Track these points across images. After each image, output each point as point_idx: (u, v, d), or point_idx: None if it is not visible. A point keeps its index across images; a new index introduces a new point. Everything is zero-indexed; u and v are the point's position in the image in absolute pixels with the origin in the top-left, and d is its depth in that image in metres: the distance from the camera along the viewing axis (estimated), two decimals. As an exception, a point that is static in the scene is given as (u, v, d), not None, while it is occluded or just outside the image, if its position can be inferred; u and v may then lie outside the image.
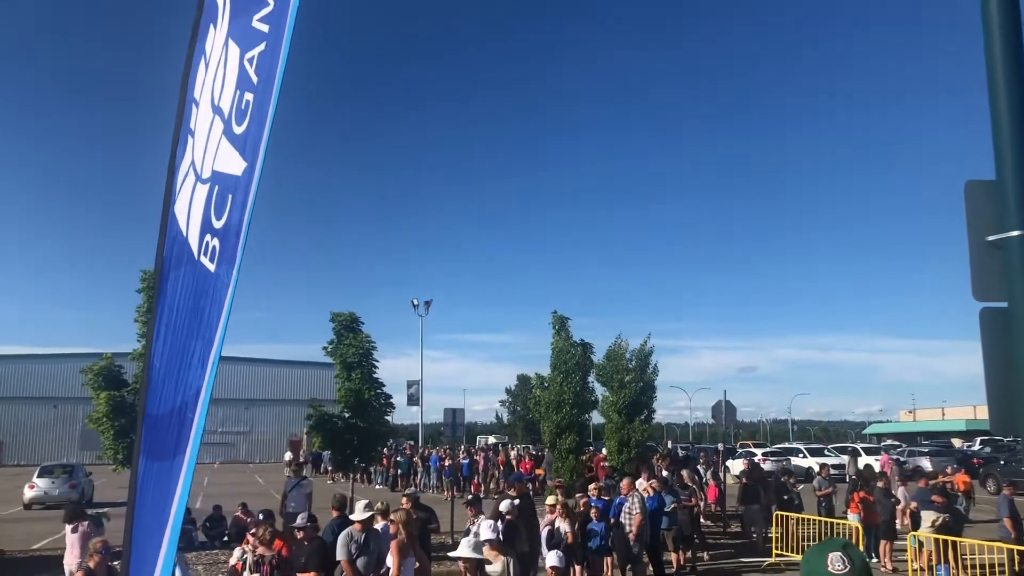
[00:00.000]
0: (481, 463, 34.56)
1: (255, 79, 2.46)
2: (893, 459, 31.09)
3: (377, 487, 36.20)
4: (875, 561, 15.26)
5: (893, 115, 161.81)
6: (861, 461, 33.52)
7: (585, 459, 22.97)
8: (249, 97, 2.46)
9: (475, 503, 11.35)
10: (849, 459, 30.29)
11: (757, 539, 17.96)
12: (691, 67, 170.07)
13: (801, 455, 42.22)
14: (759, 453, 39.70)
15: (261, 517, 13.65)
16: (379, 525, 10.10)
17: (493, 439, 72.22)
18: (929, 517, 14.38)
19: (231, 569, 8.54)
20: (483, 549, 8.38)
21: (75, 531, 11.98)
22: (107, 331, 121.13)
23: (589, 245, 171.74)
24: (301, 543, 9.77)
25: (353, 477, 21.14)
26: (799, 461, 39.84)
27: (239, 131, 2.50)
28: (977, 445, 48.66)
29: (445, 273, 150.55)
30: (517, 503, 11.51)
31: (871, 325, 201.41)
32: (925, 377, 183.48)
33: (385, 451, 33.15)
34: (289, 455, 53.09)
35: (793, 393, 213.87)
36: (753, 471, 19.83)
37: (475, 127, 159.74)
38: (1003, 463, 33.16)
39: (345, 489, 16.74)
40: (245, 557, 7.95)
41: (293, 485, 16.48)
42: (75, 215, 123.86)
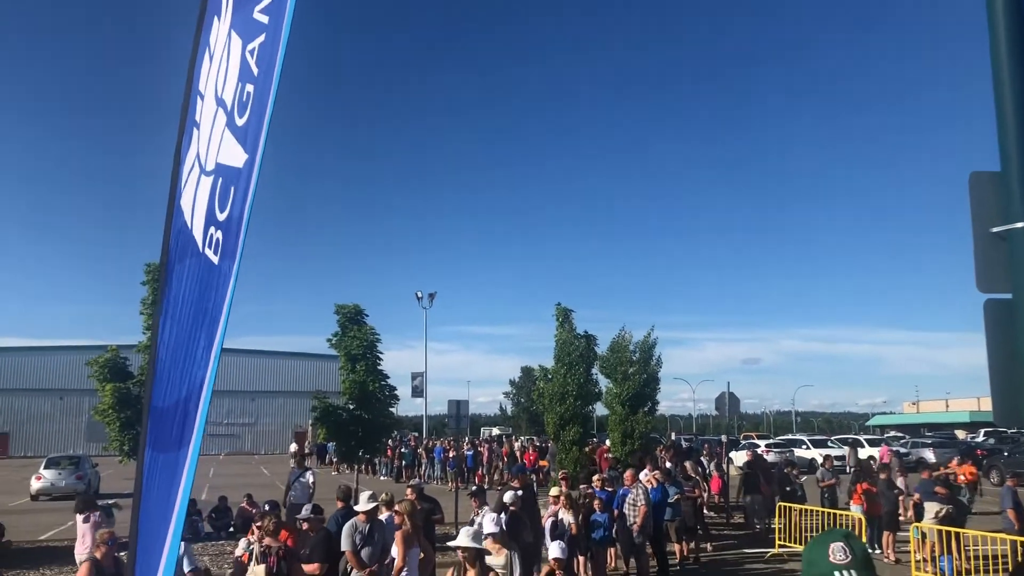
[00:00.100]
0: (485, 454, 34.61)
1: (256, 70, 2.46)
2: (893, 451, 31.04)
3: (382, 478, 36.25)
4: (878, 552, 15.29)
5: (897, 107, 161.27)
6: (862, 452, 33.51)
7: (588, 450, 22.97)
8: (250, 89, 2.46)
9: (479, 494, 11.38)
10: (850, 450, 30.25)
11: (759, 527, 18.02)
12: (692, 60, 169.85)
13: (804, 447, 42.27)
14: (762, 445, 39.80)
15: (267, 508, 13.72)
16: (383, 516, 10.13)
17: (497, 431, 72.27)
18: (932, 508, 14.38)
19: (236, 560, 8.56)
20: (486, 542, 8.41)
21: (86, 521, 12.03)
22: (112, 323, 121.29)
23: (593, 237, 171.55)
24: (306, 534, 9.81)
25: (358, 468, 21.20)
26: (802, 452, 39.88)
27: (241, 123, 2.50)
28: (981, 437, 48.62)
29: (449, 265, 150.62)
30: (520, 494, 11.54)
31: (875, 317, 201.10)
32: (929, 369, 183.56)
33: (390, 443, 33.25)
34: (294, 446, 53.29)
35: (797, 385, 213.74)
36: (755, 461, 19.86)
37: (479, 119, 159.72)
38: (1007, 455, 33.13)
39: (350, 480, 16.80)
40: (251, 548, 7.97)
41: (296, 477, 16.53)
42: (79, 208, 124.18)
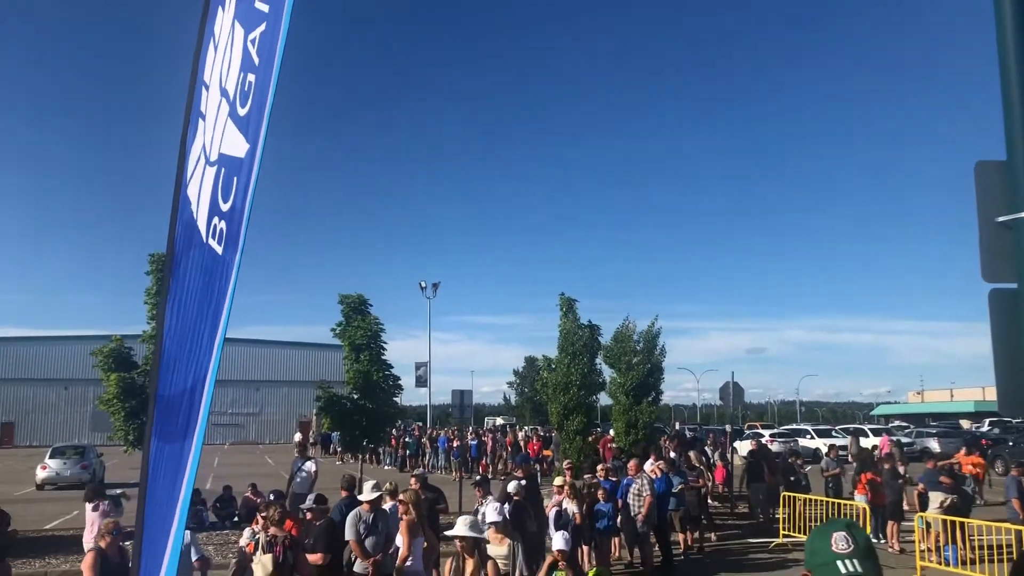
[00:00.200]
0: (489, 444, 34.66)
1: (257, 60, 2.45)
2: (893, 440, 31.00)
3: (386, 468, 36.36)
4: (883, 542, 15.30)
5: (903, 96, 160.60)
6: (866, 442, 33.46)
7: (591, 440, 23.00)
8: (251, 78, 2.45)
9: (483, 484, 11.41)
10: (851, 439, 30.24)
11: (762, 518, 18.05)
12: (696, 46, 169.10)
13: (809, 436, 42.31)
14: (767, 434, 39.79)
15: (271, 498, 13.77)
16: (387, 505, 10.16)
17: (501, 420, 72.40)
18: (937, 498, 14.39)
19: (240, 550, 8.58)
20: (488, 532, 8.43)
21: (95, 510, 12.08)
22: (115, 313, 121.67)
23: (597, 227, 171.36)
24: (310, 524, 9.84)
25: (362, 458, 21.25)
26: (806, 442, 39.92)
27: (243, 113, 2.49)
28: (986, 426, 48.57)
29: (453, 255, 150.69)
30: (524, 484, 11.57)
31: (880, 307, 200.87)
32: (934, 358, 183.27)
33: (393, 432, 33.32)
34: (299, 436, 53.42)
35: (801, 374, 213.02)
36: (759, 450, 19.88)
37: (483, 108, 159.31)
38: (1012, 444, 33.10)
39: (354, 470, 16.83)
40: (257, 537, 7.99)
41: (298, 467, 16.56)
42: (84, 198, 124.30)
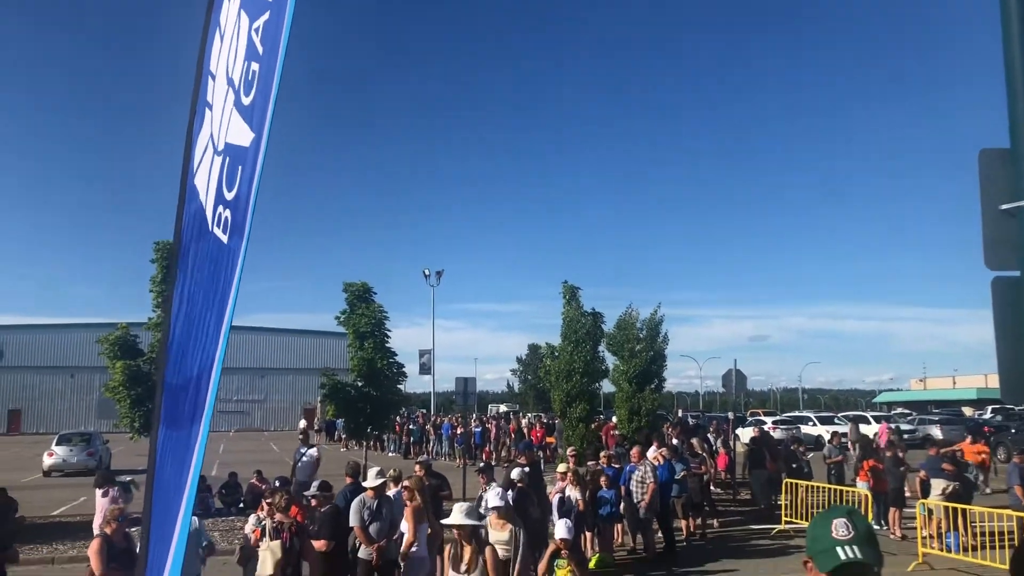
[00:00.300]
0: (493, 431, 34.76)
1: (261, 49, 2.45)
2: (891, 428, 30.99)
3: (390, 455, 36.49)
4: (884, 529, 15.34)
5: (907, 83, 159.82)
6: (864, 428, 33.48)
7: (594, 427, 23.05)
8: (255, 67, 2.46)
9: (487, 470, 11.46)
10: (852, 426, 30.28)
11: (764, 505, 18.09)
12: (699, 30, 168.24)
13: (811, 423, 42.36)
14: (769, 421, 39.80)
15: (277, 484, 13.84)
16: (392, 492, 10.22)
17: (504, 407, 72.54)
18: (939, 485, 14.41)
19: (245, 537, 8.62)
20: (490, 517, 8.46)
21: (104, 496, 12.16)
22: (121, 301, 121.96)
23: (600, 215, 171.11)
24: (315, 510, 9.90)
25: (366, 445, 21.32)
26: (809, 429, 39.96)
27: (247, 102, 2.50)
28: (988, 414, 48.54)
29: (456, 243, 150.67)
30: (527, 471, 11.61)
31: (883, 294, 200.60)
32: (936, 346, 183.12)
33: (398, 419, 33.42)
34: (303, 423, 53.60)
35: (804, 362, 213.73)
36: (761, 437, 19.92)
37: (486, 96, 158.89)
38: (1014, 431, 33.08)
39: (358, 457, 16.91)
40: (263, 523, 8.03)
41: (301, 455, 16.61)
42: (90, 187, 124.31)
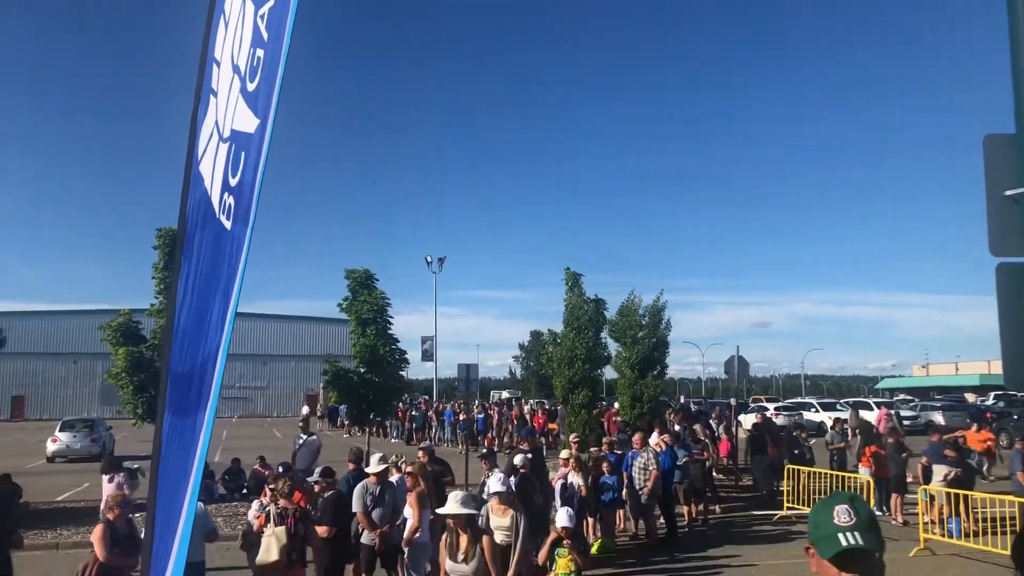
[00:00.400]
0: (495, 418, 34.83)
1: (266, 35, 2.44)
2: (889, 414, 31.02)
3: (393, 441, 36.59)
4: (886, 515, 15.38)
5: (912, 68, 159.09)
6: (865, 414, 33.53)
7: (596, 414, 23.09)
8: (260, 53, 2.45)
9: (490, 456, 11.48)
10: (851, 412, 30.35)
11: (765, 490, 18.14)
12: (702, 9, 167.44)
13: (813, 410, 42.39)
14: (771, 408, 39.85)
15: (280, 470, 13.87)
16: (394, 478, 10.25)
17: (507, 394, 72.74)
18: (941, 471, 14.44)
19: (248, 524, 8.63)
20: (491, 502, 8.48)
21: (111, 482, 12.22)
22: (123, 287, 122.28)
23: (603, 201, 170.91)
24: (317, 496, 9.94)
25: (369, 431, 21.39)
26: (811, 416, 39.99)
27: (252, 88, 2.49)
28: (991, 400, 48.57)
29: (459, 230, 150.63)
30: (530, 457, 11.64)
31: (886, 280, 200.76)
32: (940, 332, 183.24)
33: (400, 406, 33.50)
34: (306, 409, 53.72)
35: (806, 348, 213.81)
36: (763, 423, 19.96)
37: (489, 81, 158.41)
38: (1016, 418, 33.10)
39: (361, 443, 16.95)
40: (267, 509, 8.04)
41: (301, 443, 16.62)
42: (92, 173, 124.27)
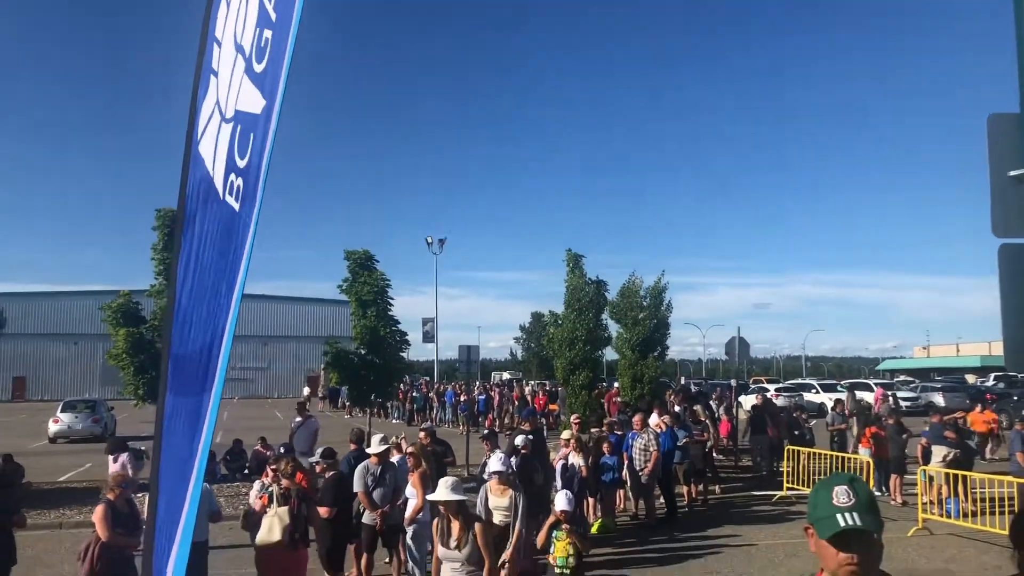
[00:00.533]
0: (496, 399, 34.96)
1: (273, 16, 2.43)
2: (885, 395, 31.14)
3: (394, 422, 36.74)
4: (885, 495, 15.47)
5: (915, 46, 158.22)
6: (862, 397, 33.71)
7: (596, 395, 23.14)
8: (268, 34, 2.44)
9: (491, 437, 11.53)
10: (848, 394, 30.50)
11: (764, 471, 18.24)
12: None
13: (814, 391, 42.48)
14: (772, 389, 39.95)
15: (282, 451, 13.93)
16: (395, 458, 10.31)
17: (508, 375, 72.83)
18: (940, 452, 14.51)
19: (248, 507, 8.66)
20: (491, 482, 8.52)
21: (116, 462, 12.29)
22: (123, 268, 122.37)
23: (604, 183, 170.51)
24: (319, 477, 9.99)
25: (370, 412, 21.43)
26: (812, 397, 40.11)
27: (259, 69, 2.48)
28: (991, 381, 48.68)
29: (459, 211, 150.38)
30: (531, 438, 11.69)
31: (887, 261, 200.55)
32: (940, 313, 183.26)
33: (401, 387, 33.58)
34: (307, 390, 53.91)
35: (807, 330, 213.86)
36: (763, 404, 20.01)
37: (489, 66, 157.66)
38: (1016, 399, 33.21)
39: (362, 424, 17.00)
40: (270, 490, 8.07)
41: (299, 425, 16.63)
42: (93, 154, 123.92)
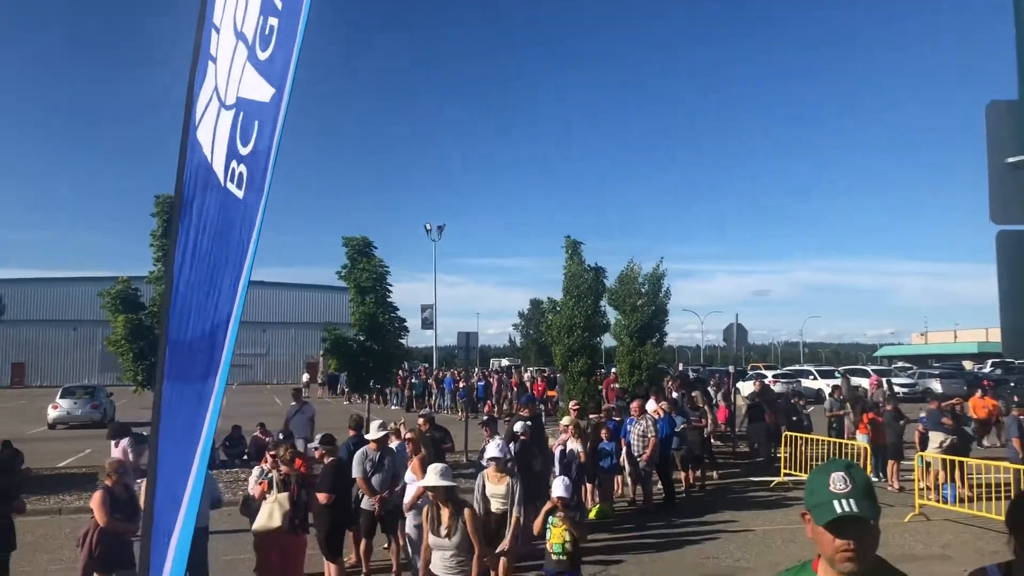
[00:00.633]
0: (495, 385, 35.02)
1: (279, 4, 2.41)
2: (879, 380, 31.27)
3: (393, 408, 36.79)
4: (883, 481, 15.54)
5: (913, 33, 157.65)
6: (859, 383, 33.86)
7: (595, 381, 23.21)
8: (273, 22, 2.42)
9: (491, 424, 11.56)
10: (843, 380, 30.66)
11: (761, 452, 18.33)
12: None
13: (811, 377, 42.56)
14: (770, 375, 40.02)
15: (280, 437, 13.97)
16: (394, 444, 10.34)
17: (506, 362, 72.88)
18: (937, 438, 14.58)
19: (247, 494, 8.68)
20: (488, 469, 8.54)
21: (117, 446, 12.33)
22: (123, 253, 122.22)
23: (603, 170, 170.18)
24: (318, 463, 10.02)
25: (369, 398, 21.47)
26: (809, 383, 40.17)
27: (264, 57, 2.46)
28: (988, 367, 48.78)
29: (458, 198, 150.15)
30: (529, 424, 11.73)
31: (885, 248, 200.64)
32: (938, 300, 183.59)
33: (400, 373, 33.62)
34: (306, 376, 53.97)
35: (805, 316, 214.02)
36: (760, 390, 20.08)
37: (488, 50, 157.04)
38: (1013, 385, 33.29)
39: (361, 410, 17.04)
40: (270, 476, 8.10)
41: (295, 411, 16.64)
42: (91, 140, 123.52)
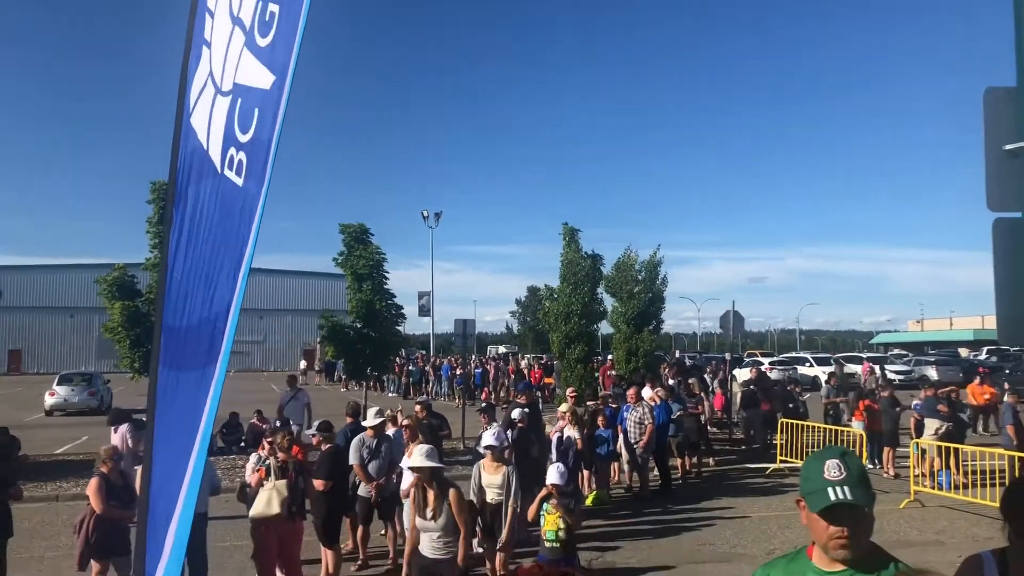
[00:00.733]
0: (492, 372, 35.09)
1: None
2: (872, 367, 31.34)
3: (390, 395, 36.86)
4: (878, 468, 15.62)
5: (911, 20, 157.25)
6: (853, 370, 33.94)
7: (592, 368, 23.27)
8: (274, 9, 2.39)
9: (489, 411, 11.60)
10: (836, 367, 30.80)
11: (757, 439, 18.40)
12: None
13: (808, 364, 42.67)
14: (766, 362, 40.12)
15: (278, 424, 13.99)
16: (391, 431, 10.36)
17: (503, 349, 72.93)
18: (932, 425, 14.64)
19: (244, 480, 8.70)
20: (485, 459, 8.56)
21: (116, 432, 12.34)
22: (120, 240, 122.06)
23: (601, 156, 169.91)
24: (315, 450, 10.05)
25: (366, 385, 21.48)
26: (805, 370, 40.28)
27: (263, 43, 2.44)
28: (984, 354, 48.96)
29: (456, 184, 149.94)
30: (527, 411, 11.77)
31: (882, 235, 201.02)
32: (935, 287, 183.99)
33: (397, 360, 33.65)
34: (304, 363, 54.01)
35: (802, 303, 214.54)
36: (757, 377, 20.13)
37: (487, 36, 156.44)
38: (1008, 372, 33.43)
39: (358, 397, 17.06)
40: (267, 463, 8.11)
41: (290, 398, 16.65)
42: (88, 126, 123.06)
